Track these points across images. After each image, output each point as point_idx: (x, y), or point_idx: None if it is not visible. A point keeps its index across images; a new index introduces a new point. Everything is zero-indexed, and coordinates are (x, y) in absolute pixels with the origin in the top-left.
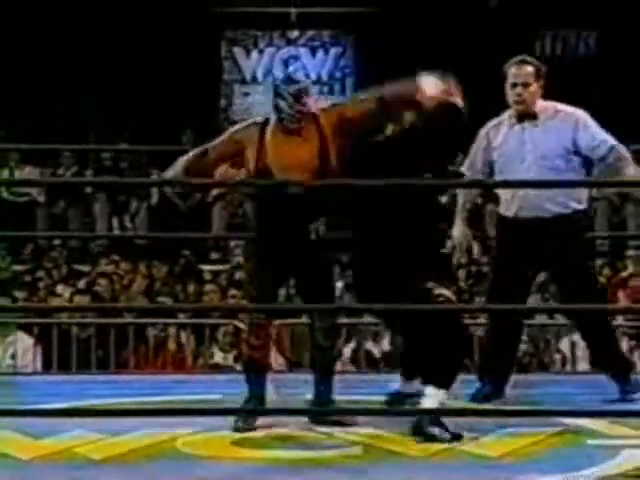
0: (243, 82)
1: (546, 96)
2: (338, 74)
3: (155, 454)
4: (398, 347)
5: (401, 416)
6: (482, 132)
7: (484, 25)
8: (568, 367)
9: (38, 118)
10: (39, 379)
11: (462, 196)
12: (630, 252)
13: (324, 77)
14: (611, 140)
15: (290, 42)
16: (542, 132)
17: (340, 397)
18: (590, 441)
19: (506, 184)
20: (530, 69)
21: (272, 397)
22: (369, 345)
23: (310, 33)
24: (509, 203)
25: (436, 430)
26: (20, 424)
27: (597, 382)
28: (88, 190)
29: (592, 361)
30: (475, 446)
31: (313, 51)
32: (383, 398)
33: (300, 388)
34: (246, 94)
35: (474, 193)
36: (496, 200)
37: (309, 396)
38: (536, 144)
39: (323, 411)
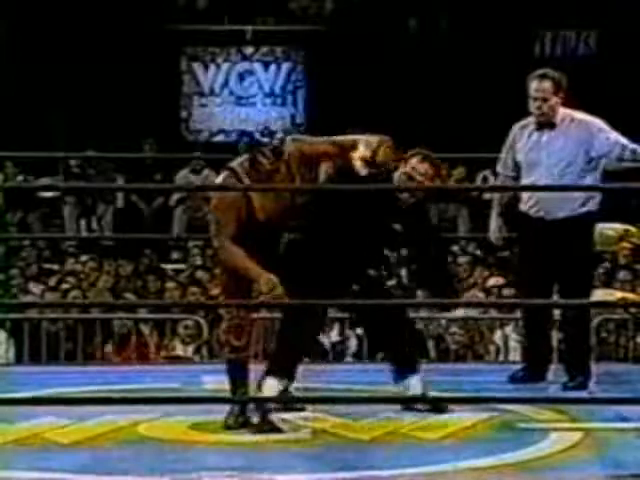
0: (201, 94)
1: None
2: (290, 87)
3: (119, 438)
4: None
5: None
6: (511, 133)
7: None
8: (501, 357)
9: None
10: (11, 370)
11: (496, 197)
12: None
13: (277, 90)
14: (623, 140)
15: (245, 57)
16: (559, 140)
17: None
18: (522, 425)
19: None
20: (548, 85)
21: None
22: (320, 337)
23: (264, 49)
24: (528, 202)
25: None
26: None
27: None
28: (49, 195)
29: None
30: (417, 429)
31: (266, 66)
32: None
33: None
34: (204, 105)
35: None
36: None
37: None
38: (552, 151)
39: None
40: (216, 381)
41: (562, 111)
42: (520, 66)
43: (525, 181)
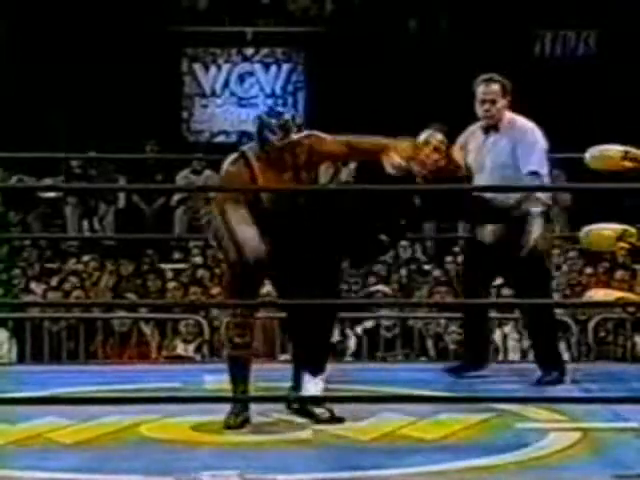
0: (203, 95)
1: (546, 95)
2: (290, 88)
3: (120, 438)
4: None
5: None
6: (462, 136)
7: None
8: (500, 357)
9: (10, 128)
10: (13, 369)
11: None
12: (555, 251)
13: (277, 91)
14: (535, 168)
15: (246, 59)
16: (501, 143)
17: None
18: (520, 425)
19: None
20: (496, 87)
21: None
22: None
23: (264, 50)
24: None
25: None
26: None
27: (526, 371)
28: (51, 195)
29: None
30: (416, 429)
31: (267, 67)
32: None
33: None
34: (205, 106)
35: None
36: None
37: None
38: (494, 154)
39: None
40: (217, 380)
41: (509, 116)
42: (520, 66)
43: (475, 184)
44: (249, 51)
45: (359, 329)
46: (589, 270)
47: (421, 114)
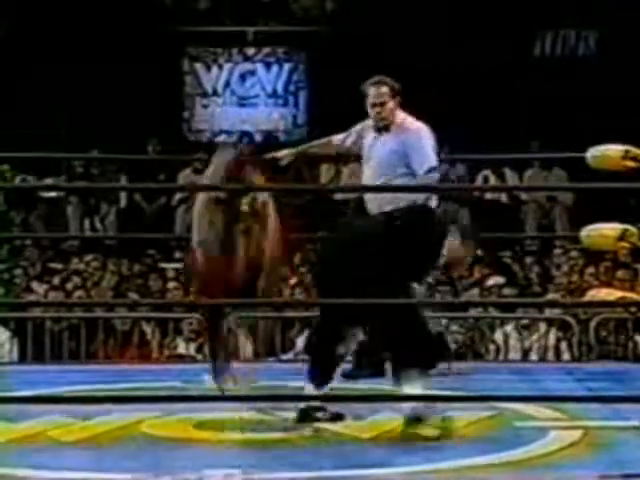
0: (204, 95)
1: (546, 95)
2: (292, 88)
3: (122, 436)
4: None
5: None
6: (358, 126)
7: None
8: (501, 356)
9: (13, 127)
10: (15, 369)
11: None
12: (557, 252)
13: (279, 90)
14: (433, 164)
15: (247, 58)
16: (388, 142)
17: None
18: (521, 423)
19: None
20: (385, 89)
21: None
22: None
23: (266, 50)
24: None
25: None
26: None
27: (527, 370)
28: (52, 195)
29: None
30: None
31: (268, 66)
32: None
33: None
34: (206, 106)
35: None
36: None
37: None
38: (379, 153)
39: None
40: None
41: (401, 116)
42: (520, 66)
43: (359, 178)
44: (250, 51)
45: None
46: (590, 270)
47: (422, 113)
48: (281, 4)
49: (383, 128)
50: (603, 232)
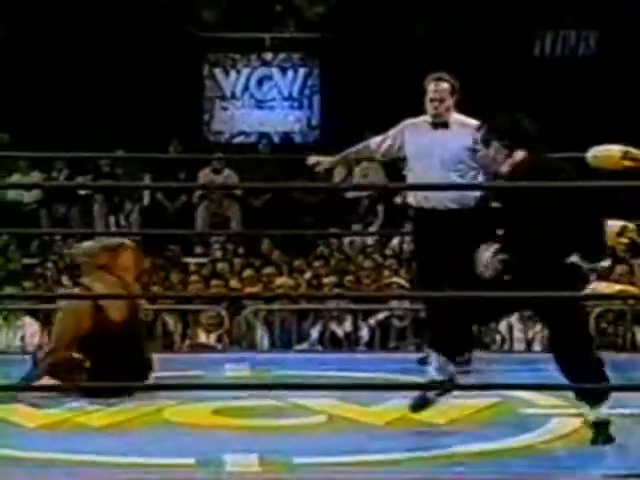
0: (223, 98)
1: (546, 95)
2: (306, 91)
3: (145, 422)
4: None
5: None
6: (405, 122)
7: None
8: (506, 347)
9: (43, 127)
10: None
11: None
12: None
13: (294, 94)
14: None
15: (264, 63)
16: (451, 138)
17: (312, 373)
18: (524, 410)
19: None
20: (445, 86)
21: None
22: (333, 327)
23: (282, 56)
24: (417, 194)
25: None
26: (26, 397)
27: (530, 360)
28: (86, 192)
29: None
30: (427, 414)
31: (284, 71)
32: None
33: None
34: (225, 108)
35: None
36: None
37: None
38: (443, 149)
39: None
40: (237, 368)
41: (456, 115)
42: (520, 66)
43: (413, 173)
44: (267, 56)
45: (372, 321)
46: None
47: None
48: (297, 12)
49: (441, 124)
50: (609, 153)
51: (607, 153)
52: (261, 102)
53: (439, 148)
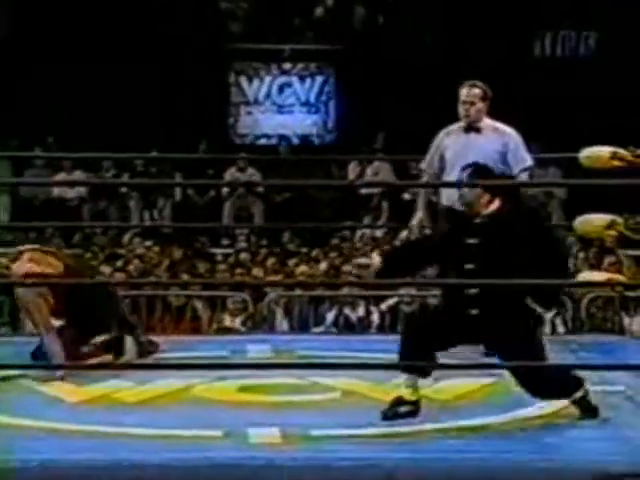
0: (247, 104)
1: (546, 95)
2: (323, 97)
3: (176, 398)
4: None
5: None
6: (440, 134)
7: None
8: None
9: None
10: None
11: (422, 193)
12: None
13: (312, 100)
14: (524, 165)
15: (284, 72)
16: (483, 142)
17: (328, 353)
18: (519, 388)
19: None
20: (477, 91)
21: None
22: (347, 311)
23: (300, 65)
24: (452, 196)
25: None
26: (69, 374)
27: None
28: (124, 190)
29: None
30: (432, 391)
31: (302, 79)
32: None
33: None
34: (249, 113)
35: (430, 189)
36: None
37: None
38: (476, 151)
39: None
40: (260, 349)
41: (488, 120)
42: (520, 66)
43: (450, 177)
44: (287, 65)
45: (383, 306)
46: (582, 255)
47: (436, 118)
48: (314, 25)
49: (474, 129)
50: (593, 222)
51: (597, 154)
52: (281, 107)
53: (473, 152)
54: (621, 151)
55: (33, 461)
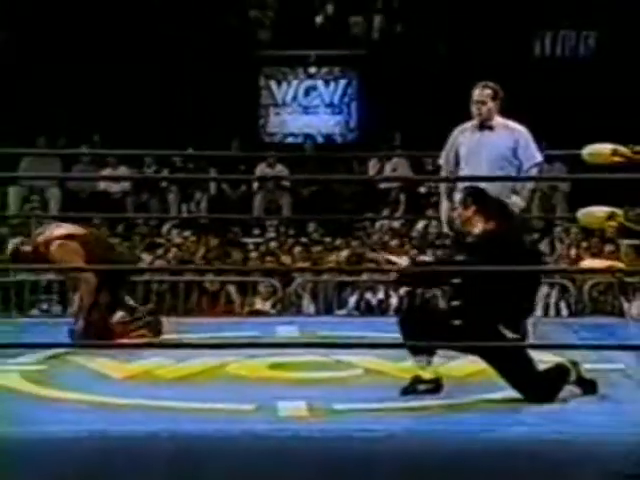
0: (276, 105)
1: (546, 95)
2: (345, 99)
3: (211, 375)
4: None
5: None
6: (455, 131)
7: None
8: None
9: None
10: None
11: (443, 187)
12: (558, 229)
13: (335, 102)
14: (534, 161)
15: (310, 76)
16: (495, 139)
17: (351, 334)
18: None
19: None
20: (488, 91)
21: None
22: (368, 296)
23: (325, 69)
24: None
25: None
26: (114, 353)
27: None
28: (164, 184)
29: None
30: (445, 370)
31: (327, 83)
32: None
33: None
34: (278, 114)
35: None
36: None
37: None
38: (490, 147)
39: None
40: (288, 330)
41: (500, 118)
42: (520, 66)
43: (465, 171)
44: (313, 70)
45: (401, 291)
46: (584, 244)
47: (447, 118)
48: (337, 32)
49: (486, 127)
50: (595, 213)
51: (599, 150)
52: (307, 108)
53: (486, 148)
54: (621, 148)
55: (82, 431)
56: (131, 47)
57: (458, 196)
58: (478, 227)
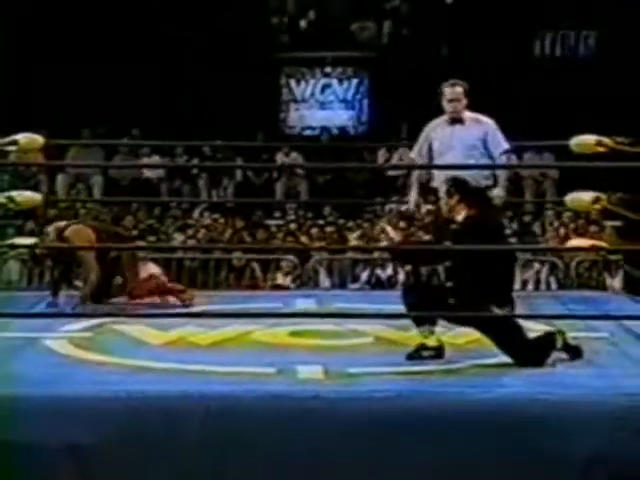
0: (295, 101)
1: (546, 95)
2: (358, 96)
3: (238, 341)
4: None
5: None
6: (427, 127)
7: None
8: None
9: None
10: None
11: (415, 175)
12: (548, 213)
13: (348, 98)
14: (502, 148)
15: (326, 75)
16: (466, 132)
17: (363, 306)
18: None
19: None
20: (460, 89)
21: None
22: (378, 272)
23: (339, 69)
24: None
25: None
26: (151, 322)
27: (524, 297)
28: (195, 171)
29: None
30: (448, 337)
31: (341, 81)
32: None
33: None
34: (297, 109)
35: (423, 172)
36: None
37: None
38: (461, 139)
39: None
40: (306, 302)
41: (469, 112)
42: (520, 66)
43: (439, 162)
44: (328, 70)
45: (408, 267)
46: (571, 226)
47: (426, 115)
48: (350, 35)
49: (457, 121)
50: (581, 198)
51: (585, 141)
52: (323, 104)
53: (458, 141)
54: (604, 139)
55: (122, 392)
56: (171, 45)
57: (436, 185)
58: (461, 214)
